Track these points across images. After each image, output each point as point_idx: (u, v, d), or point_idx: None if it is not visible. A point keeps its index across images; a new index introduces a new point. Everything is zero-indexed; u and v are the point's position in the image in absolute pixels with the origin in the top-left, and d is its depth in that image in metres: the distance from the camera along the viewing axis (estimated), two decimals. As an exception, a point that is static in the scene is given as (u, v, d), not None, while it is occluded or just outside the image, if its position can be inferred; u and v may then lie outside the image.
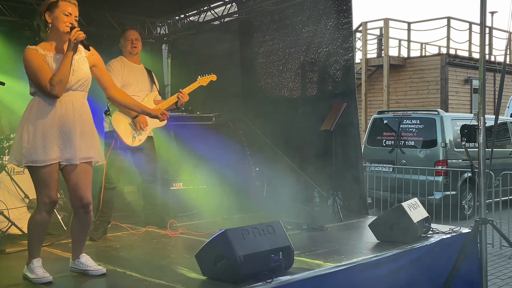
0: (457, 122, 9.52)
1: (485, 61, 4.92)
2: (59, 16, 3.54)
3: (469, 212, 9.45)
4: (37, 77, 3.46)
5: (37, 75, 3.47)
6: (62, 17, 3.54)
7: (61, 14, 3.55)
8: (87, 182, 3.68)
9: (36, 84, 3.49)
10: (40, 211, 3.55)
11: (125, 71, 5.20)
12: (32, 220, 3.59)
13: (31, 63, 3.48)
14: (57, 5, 3.55)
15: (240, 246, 3.48)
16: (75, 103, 3.58)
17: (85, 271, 3.79)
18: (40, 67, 3.48)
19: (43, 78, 3.45)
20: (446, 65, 16.51)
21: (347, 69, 6.70)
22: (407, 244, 4.55)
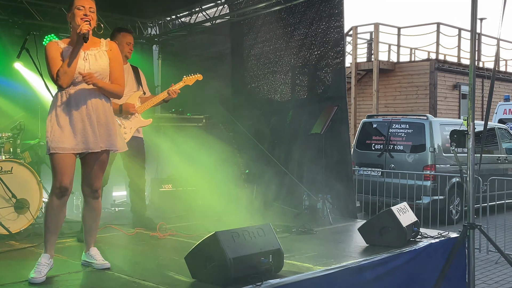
0: (445, 127, 9.59)
1: (475, 66, 4.96)
2: (75, 12, 3.71)
3: (457, 217, 9.51)
4: (49, 68, 3.66)
5: (48, 66, 3.66)
6: (77, 12, 3.70)
7: (75, 10, 3.71)
8: (99, 171, 3.88)
9: (49, 75, 3.68)
10: (52, 195, 3.72)
11: None
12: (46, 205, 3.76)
13: (47, 54, 3.67)
14: (73, 2, 3.74)
15: (231, 248, 3.47)
16: (91, 95, 3.70)
17: (90, 263, 3.93)
18: (53, 59, 3.65)
19: (53, 69, 3.63)
20: (435, 70, 16.62)
21: (338, 73, 6.72)
22: (396, 248, 4.57)
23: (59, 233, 5.01)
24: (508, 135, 11.27)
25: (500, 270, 6.44)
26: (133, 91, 5.31)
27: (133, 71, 5.44)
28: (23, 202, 5.22)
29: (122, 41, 5.29)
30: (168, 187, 6.64)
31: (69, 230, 5.27)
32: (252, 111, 7.71)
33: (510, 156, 10.89)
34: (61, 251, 4.52)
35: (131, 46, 5.35)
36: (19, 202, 5.18)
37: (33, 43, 5.58)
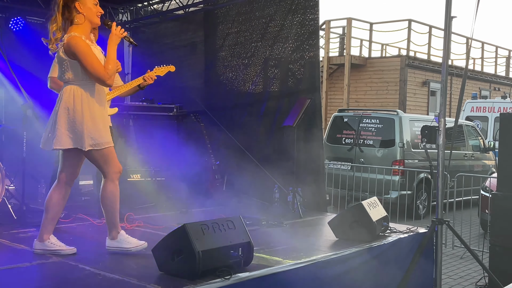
0: (415, 123, 9.69)
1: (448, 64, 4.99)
2: (91, 7, 3.76)
3: (424, 212, 9.64)
4: (94, 67, 3.65)
5: (93, 64, 3.65)
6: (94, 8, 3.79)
7: (92, 5, 3.77)
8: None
9: (93, 73, 3.65)
10: (114, 180, 3.93)
11: None
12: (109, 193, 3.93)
13: (87, 51, 3.65)
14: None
15: (199, 241, 3.40)
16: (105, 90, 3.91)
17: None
18: (95, 57, 3.68)
19: (101, 67, 3.67)
20: (405, 66, 16.79)
21: (312, 66, 6.69)
22: (365, 243, 4.58)
23: (22, 222, 4.92)
24: (475, 133, 11.46)
25: (465, 265, 6.54)
26: None
27: None
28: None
29: None
30: (137, 177, 6.51)
31: (33, 219, 5.11)
32: (225, 102, 7.63)
33: (477, 153, 11.09)
34: (23, 240, 4.39)
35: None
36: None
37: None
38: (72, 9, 3.72)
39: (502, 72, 22.77)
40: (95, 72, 3.66)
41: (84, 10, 3.74)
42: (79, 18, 3.74)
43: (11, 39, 6.88)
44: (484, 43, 21.51)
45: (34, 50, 7.11)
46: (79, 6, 3.72)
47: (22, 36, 7.29)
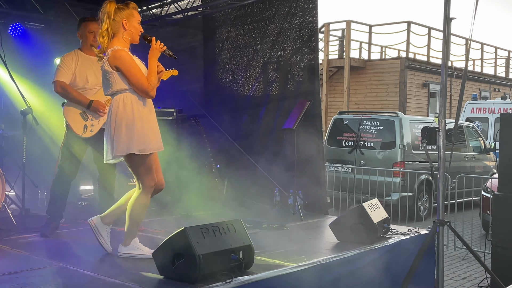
0: (415, 124, 9.69)
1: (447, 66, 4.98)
2: (136, 25, 3.94)
3: (425, 213, 9.62)
4: (139, 79, 3.82)
5: (137, 76, 3.81)
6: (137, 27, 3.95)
7: (136, 23, 3.95)
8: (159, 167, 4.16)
9: (137, 84, 3.81)
10: (146, 195, 3.97)
11: (79, 65, 5.03)
12: (138, 206, 3.97)
13: (131, 63, 3.82)
14: (132, 14, 3.91)
15: (200, 244, 3.39)
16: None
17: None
18: (138, 69, 3.85)
19: (144, 79, 3.84)
20: (405, 68, 16.80)
21: (311, 69, 6.69)
22: (366, 245, 4.56)
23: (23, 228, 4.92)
24: (476, 134, 11.45)
25: (467, 267, 6.52)
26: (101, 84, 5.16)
27: None
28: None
29: (84, 31, 5.13)
30: (137, 181, 6.49)
31: (33, 225, 5.10)
32: (224, 106, 7.63)
33: (477, 154, 11.08)
34: (23, 246, 4.38)
35: (94, 34, 5.18)
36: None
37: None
38: (119, 25, 3.87)
39: (502, 73, 22.79)
40: (139, 84, 3.82)
41: (129, 27, 3.90)
42: (123, 34, 3.90)
43: (10, 45, 6.87)
44: (483, 44, 21.53)
45: (33, 56, 7.12)
46: (125, 23, 3.88)
47: (21, 42, 7.30)
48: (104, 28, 3.84)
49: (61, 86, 4.91)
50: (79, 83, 4.98)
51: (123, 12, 3.89)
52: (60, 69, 4.96)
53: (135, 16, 3.93)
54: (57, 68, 4.99)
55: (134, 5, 3.97)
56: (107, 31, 3.84)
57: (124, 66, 3.79)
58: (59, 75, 4.94)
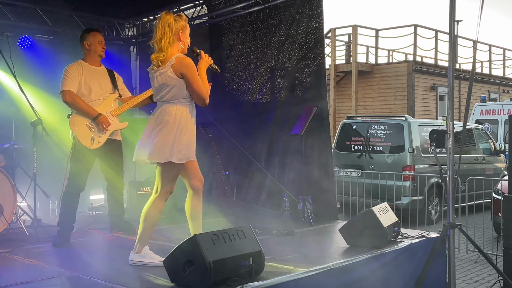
0: (424, 128, 9.66)
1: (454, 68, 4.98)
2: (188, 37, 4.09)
3: (436, 217, 9.58)
4: (201, 86, 3.97)
5: (200, 84, 3.97)
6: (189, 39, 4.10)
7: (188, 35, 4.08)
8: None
9: (198, 91, 3.95)
10: (162, 200, 4.04)
11: (84, 75, 5.07)
12: (154, 210, 4.03)
13: (196, 72, 3.96)
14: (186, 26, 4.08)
15: (210, 251, 3.41)
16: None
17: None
18: (199, 78, 4.00)
19: (204, 88, 4.00)
20: (412, 72, 16.77)
21: (318, 74, 6.70)
22: (377, 249, 4.56)
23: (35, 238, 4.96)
24: (485, 136, 11.39)
25: (479, 269, 6.47)
26: (108, 94, 5.21)
27: (108, 73, 5.33)
28: (0, 209, 5.08)
29: (93, 40, 5.18)
30: (147, 190, 6.53)
31: (45, 235, 5.14)
32: (232, 113, 7.65)
33: (487, 156, 11.02)
34: (36, 256, 4.42)
35: (103, 45, 5.24)
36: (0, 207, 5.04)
37: (7, 44, 5.44)
38: (176, 35, 4.00)
39: (510, 74, 22.70)
40: (200, 91, 3.96)
41: (183, 38, 4.05)
42: (178, 44, 4.02)
43: (20, 57, 6.95)
44: (491, 46, 21.44)
45: (42, 67, 7.20)
46: (181, 34, 4.02)
47: (30, 54, 7.38)
48: (167, 40, 3.95)
49: (69, 95, 4.95)
50: (84, 93, 5.02)
51: (179, 23, 4.02)
52: (67, 78, 4.99)
53: (187, 28, 4.08)
54: (63, 78, 5.02)
55: (185, 17, 4.14)
56: (169, 43, 3.96)
57: (190, 73, 3.93)
58: (66, 85, 4.97)
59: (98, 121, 4.98)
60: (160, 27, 3.96)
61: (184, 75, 3.92)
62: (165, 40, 3.93)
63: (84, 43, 5.20)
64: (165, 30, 3.94)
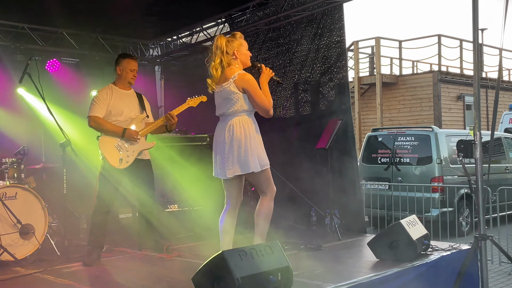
0: (451, 138, 9.53)
1: (479, 77, 4.93)
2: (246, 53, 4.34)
3: (467, 229, 9.39)
4: (263, 99, 4.23)
5: (261, 97, 4.22)
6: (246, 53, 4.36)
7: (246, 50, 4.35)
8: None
9: (260, 104, 4.22)
10: (272, 199, 4.35)
11: (113, 98, 5.18)
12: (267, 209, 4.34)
13: (257, 86, 4.23)
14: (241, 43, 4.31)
15: (238, 267, 3.41)
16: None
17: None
18: (261, 91, 4.25)
19: (266, 100, 4.24)
20: (438, 82, 16.59)
21: (342, 87, 6.70)
22: (407, 262, 4.50)
23: (65, 258, 5.02)
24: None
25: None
26: (136, 115, 5.31)
27: (137, 96, 5.43)
28: (28, 228, 5.17)
29: (125, 67, 5.28)
30: (174, 207, 6.58)
31: (75, 255, 5.21)
32: (256, 128, 7.66)
33: (518, 165, 10.79)
34: (67, 276, 4.48)
35: (134, 73, 5.34)
36: (24, 228, 5.13)
37: (35, 68, 5.58)
38: (231, 56, 4.27)
39: (539, 81, 22.24)
40: (262, 104, 4.22)
41: (240, 56, 4.31)
42: (235, 62, 4.29)
43: (48, 80, 7.13)
44: (517, 53, 21.10)
45: (70, 89, 7.37)
46: (237, 53, 4.28)
47: (58, 77, 7.56)
48: (217, 62, 4.25)
49: (94, 120, 5.06)
50: (113, 116, 5.12)
51: (233, 43, 4.29)
52: (95, 104, 5.11)
53: (243, 45, 4.33)
54: (91, 103, 5.14)
55: (240, 34, 4.38)
56: (220, 64, 4.25)
57: (251, 87, 4.19)
58: (93, 110, 5.09)
59: (126, 135, 5.07)
60: (213, 51, 4.28)
61: (246, 90, 4.20)
62: (217, 64, 4.24)
63: (117, 68, 5.30)
64: (218, 55, 4.24)
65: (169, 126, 5.25)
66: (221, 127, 4.36)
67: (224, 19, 7.85)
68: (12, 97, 7.03)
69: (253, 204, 6.86)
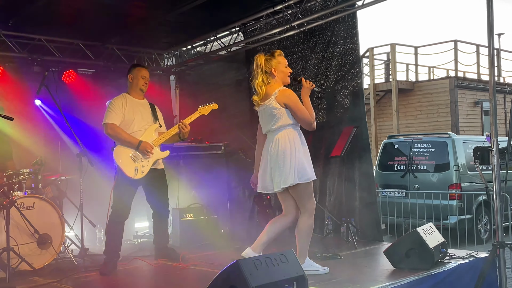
0: (469, 144, 9.43)
1: (495, 82, 4.88)
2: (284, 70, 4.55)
3: (486, 236, 9.26)
4: (305, 113, 4.41)
5: (303, 111, 4.41)
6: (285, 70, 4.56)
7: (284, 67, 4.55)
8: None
9: (302, 118, 4.41)
10: (311, 216, 4.48)
11: (128, 108, 5.23)
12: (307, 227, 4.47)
13: (298, 101, 4.43)
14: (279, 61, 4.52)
15: (253, 276, 3.39)
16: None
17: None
18: (302, 105, 4.43)
19: (308, 114, 4.42)
20: (455, 88, 16.45)
21: (356, 95, 6.68)
22: (424, 271, 4.45)
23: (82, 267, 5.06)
24: (534, 150, 11.01)
25: (534, 290, 6.21)
26: (150, 124, 5.35)
27: (150, 106, 5.48)
28: (45, 238, 5.23)
29: (136, 74, 5.35)
30: (190, 216, 6.60)
31: (92, 264, 5.25)
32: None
33: (538, 171, 10.62)
34: (84, 285, 4.51)
35: (146, 80, 5.40)
36: (42, 238, 5.19)
37: (52, 79, 5.66)
38: (269, 74, 4.49)
39: (558, 86, 21.93)
40: (304, 117, 4.41)
41: (278, 73, 4.51)
42: (274, 80, 4.51)
43: (64, 91, 7.22)
44: (536, 57, 20.87)
45: (86, 100, 7.45)
46: (275, 71, 4.50)
47: (74, 88, 7.66)
48: (259, 79, 4.49)
49: (111, 128, 5.11)
50: (127, 125, 5.17)
51: (271, 62, 4.51)
52: (110, 111, 5.16)
53: (281, 62, 4.54)
54: (107, 111, 5.19)
55: (279, 52, 4.60)
56: (263, 82, 4.48)
57: (292, 102, 4.39)
58: (109, 117, 5.14)
59: (141, 148, 5.11)
60: (254, 70, 4.53)
61: (288, 105, 4.39)
62: (260, 81, 4.47)
63: (128, 76, 5.39)
64: (259, 73, 4.48)
65: (182, 135, 5.28)
66: (267, 142, 4.52)
67: (238, 28, 7.88)
68: (29, 108, 7.12)
69: (268, 212, 6.86)
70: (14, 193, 5.29)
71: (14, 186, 5.37)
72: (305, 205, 4.45)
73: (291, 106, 4.39)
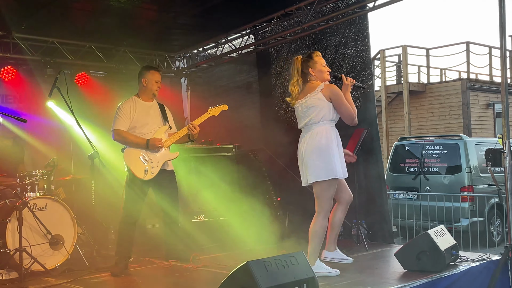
0: (481, 146, 9.36)
1: (507, 84, 4.85)
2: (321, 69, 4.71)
3: (498, 239, 9.19)
4: (348, 107, 4.58)
5: (347, 105, 4.58)
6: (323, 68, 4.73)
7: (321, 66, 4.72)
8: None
9: (346, 112, 4.57)
10: (325, 217, 4.58)
11: (137, 112, 5.25)
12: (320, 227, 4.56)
13: (342, 96, 4.59)
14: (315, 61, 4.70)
15: (263, 278, 3.40)
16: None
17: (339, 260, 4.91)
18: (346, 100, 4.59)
19: (351, 108, 4.58)
20: (467, 90, 16.34)
21: (367, 97, 6.66)
22: (435, 273, 4.43)
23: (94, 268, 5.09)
24: (548, 152, 10.91)
25: (547, 293, 6.14)
26: (159, 126, 5.37)
27: (160, 108, 5.50)
28: (58, 238, 5.28)
29: (151, 78, 5.35)
30: (200, 217, 6.61)
31: (103, 265, 5.28)
32: (282, 138, 7.66)
33: (551, 174, 10.53)
34: (95, 286, 4.54)
35: (159, 84, 5.42)
36: (54, 238, 5.24)
37: (64, 82, 5.71)
38: (306, 74, 4.69)
39: None
40: (348, 112, 4.58)
41: (315, 72, 4.68)
42: (312, 78, 4.68)
43: (76, 93, 7.28)
44: (549, 59, 20.65)
45: (98, 102, 7.50)
46: (312, 71, 4.68)
47: (86, 90, 7.72)
48: (294, 80, 4.70)
49: (118, 134, 5.15)
50: (137, 129, 5.19)
51: (308, 63, 4.70)
52: (118, 117, 5.19)
53: (318, 62, 4.70)
54: (115, 117, 5.22)
55: (316, 53, 4.76)
56: (297, 82, 4.68)
57: (337, 96, 4.56)
58: (117, 124, 5.17)
59: (150, 145, 5.13)
60: (291, 71, 4.72)
61: (333, 100, 4.55)
62: (295, 82, 4.67)
63: (142, 79, 5.37)
64: (295, 75, 4.68)
65: (192, 136, 5.30)
66: (303, 136, 4.64)
67: (248, 30, 7.90)
68: (42, 110, 7.20)
69: (278, 214, 6.86)
70: (27, 194, 5.34)
71: (27, 187, 5.42)
72: (324, 205, 4.54)
73: (336, 101, 4.54)
